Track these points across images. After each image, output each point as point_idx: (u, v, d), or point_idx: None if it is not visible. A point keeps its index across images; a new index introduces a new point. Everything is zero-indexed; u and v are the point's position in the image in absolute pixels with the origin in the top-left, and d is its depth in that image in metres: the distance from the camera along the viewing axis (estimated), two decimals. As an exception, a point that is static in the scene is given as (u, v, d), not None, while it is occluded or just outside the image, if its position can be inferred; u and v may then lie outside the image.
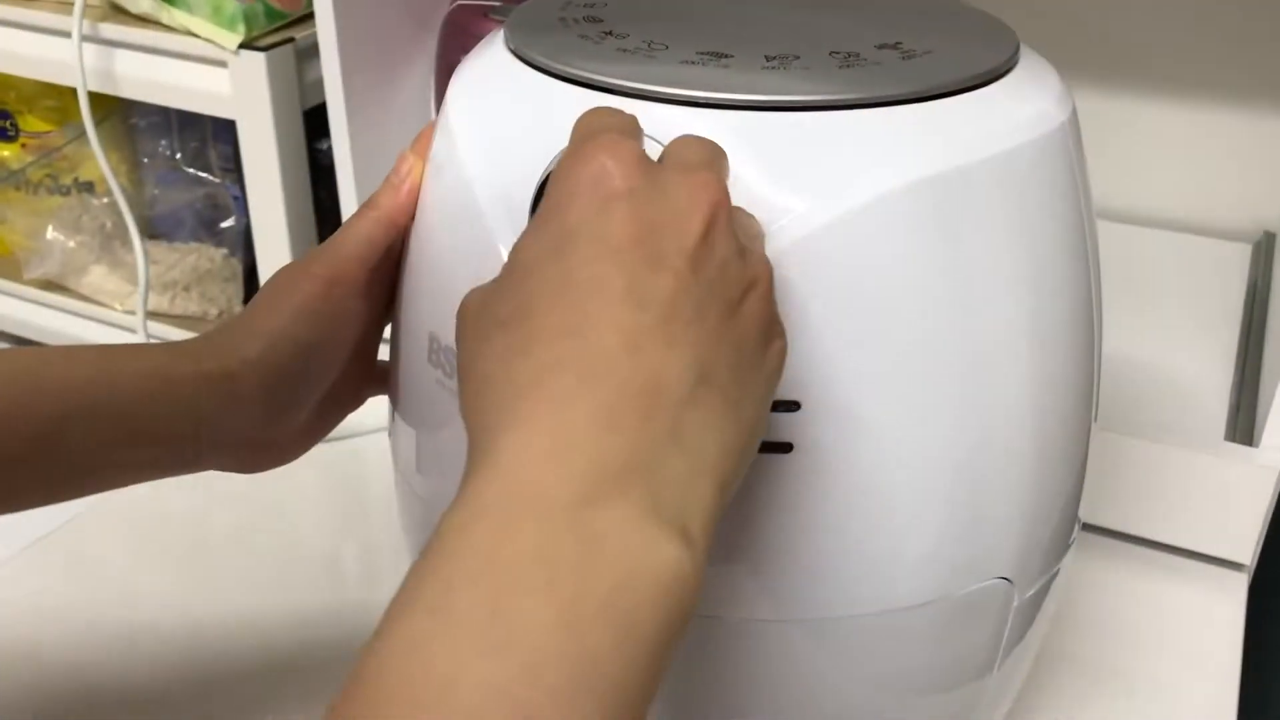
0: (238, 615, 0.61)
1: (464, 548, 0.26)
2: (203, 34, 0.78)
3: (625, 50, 0.38)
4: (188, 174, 0.91)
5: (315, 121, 0.84)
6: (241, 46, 0.78)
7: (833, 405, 0.35)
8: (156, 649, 0.59)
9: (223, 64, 0.79)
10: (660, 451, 0.27)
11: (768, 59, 0.37)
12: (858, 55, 0.37)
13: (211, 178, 0.90)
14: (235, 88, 0.79)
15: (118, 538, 0.67)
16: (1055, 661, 0.58)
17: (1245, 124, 0.86)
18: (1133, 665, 0.60)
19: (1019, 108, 0.37)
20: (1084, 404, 0.41)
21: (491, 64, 0.40)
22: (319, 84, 0.80)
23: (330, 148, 0.82)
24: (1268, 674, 0.74)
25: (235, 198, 0.93)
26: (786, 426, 0.35)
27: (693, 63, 0.37)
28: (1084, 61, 0.88)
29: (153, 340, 0.83)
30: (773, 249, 0.33)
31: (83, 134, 0.86)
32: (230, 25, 0.77)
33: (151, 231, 0.95)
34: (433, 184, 0.41)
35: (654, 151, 0.34)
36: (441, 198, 0.40)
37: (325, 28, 0.74)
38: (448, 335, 0.39)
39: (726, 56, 0.37)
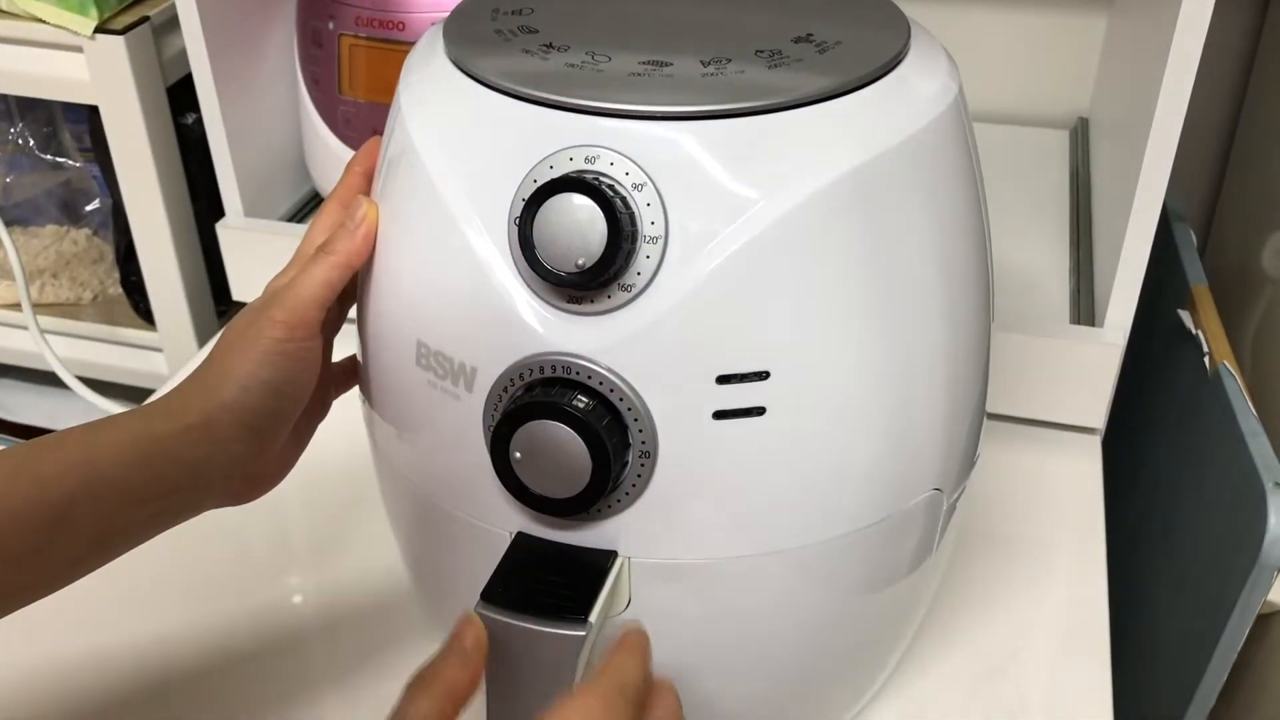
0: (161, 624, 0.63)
1: None
2: (52, 20, 0.76)
3: (574, 65, 0.41)
4: (43, 160, 0.88)
5: (176, 96, 0.83)
6: (96, 30, 0.76)
7: (796, 371, 0.40)
8: (97, 668, 0.60)
9: (77, 49, 0.77)
10: None
11: (704, 64, 0.41)
12: (780, 53, 0.42)
13: (70, 161, 0.89)
14: (94, 73, 0.78)
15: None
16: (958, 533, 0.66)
17: (1053, 19, 0.95)
18: (1014, 526, 0.69)
19: (922, 87, 0.43)
20: (984, 349, 0.48)
21: (443, 84, 0.43)
22: (179, 59, 0.80)
23: (195, 121, 0.82)
24: (1117, 517, 0.86)
25: (95, 178, 0.91)
26: (760, 393, 0.40)
27: (639, 74, 0.41)
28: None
29: (45, 333, 0.82)
30: (738, 241, 0.38)
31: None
32: (81, 10, 0.76)
33: (17, 222, 0.92)
34: (401, 206, 0.44)
35: (620, 165, 0.39)
36: (413, 217, 0.43)
37: (185, 1, 0.74)
38: (436, 341, 0.43)
39: (667, 65, 0.41)
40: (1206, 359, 0.77)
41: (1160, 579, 0.83)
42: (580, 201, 0.38)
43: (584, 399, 0.39)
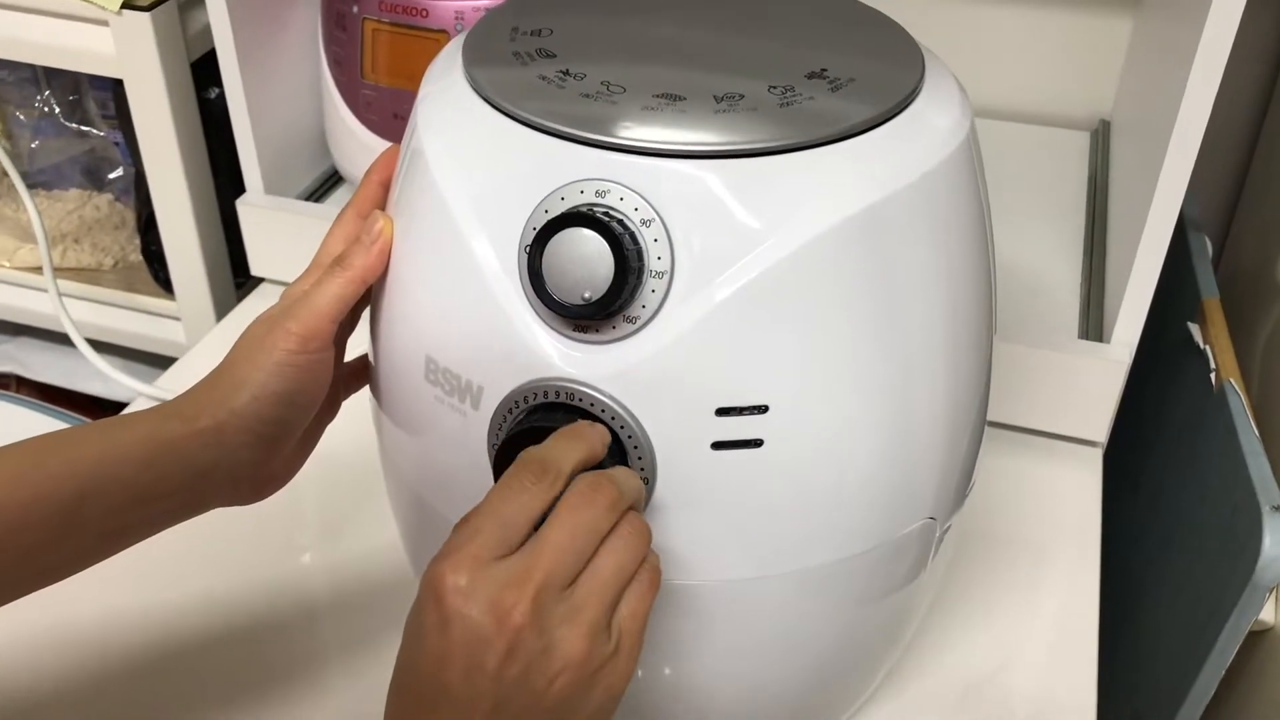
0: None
1: None
2: (79, -5, 0.77)
3: (588, 96, 0.42)
4: (68, 128, 0.89)
5: (200, 71, 0.83)
6: (122, 6, 0.77)
7: (794, 405, 0.41)
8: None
9: (104, 23, 0.78)
10: None
11: (717, 100, 0.42)
12: (793, 89, 0.42)
13: (94, 130, 0.89)
14: (120, 48, 0.78)
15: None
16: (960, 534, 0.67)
17: (1080, 17, 0.94)
18: (1012, 533, 0.70)
19: (935, 123, 0.43)
20: (984, 385, 0.48)
21: (461, 104, 0.43)
22: (203, 34, 0.81)
23: (218, 95, 0.83)
24: (1117, 524, 0.86)
25: (117, 144, 0.92)
26: (758, 425, 0.41)
27: (651, 108, 0.41)
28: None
29: (64, 297, 0.83)
30: (742, 279, 0.39)
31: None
32: (108, -15, 0.76)
33: (42, 185, 0.93)
34: (415, 222, 0.44)
35: (629, 200, 0.39)
36: (426, 235, 0.44)
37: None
38: (444, 358, 0.44)
39: (680, 99, 0.42)
40: (1213, 375, 0.77)
41: (1156, 589, 0.84)
42: (589, 236, 0.39)
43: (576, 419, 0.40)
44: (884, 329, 0.42)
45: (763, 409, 0.41)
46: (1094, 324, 0.76)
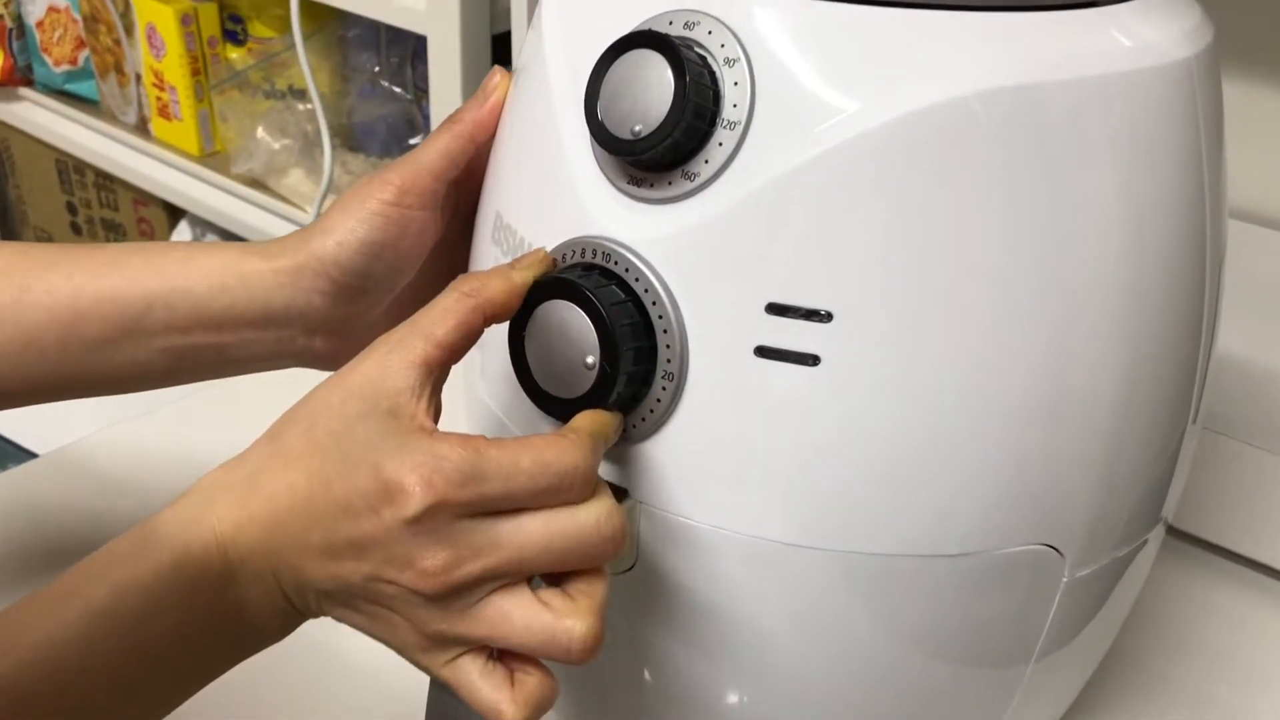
0: None
1: None
2: (403, -51, 0.81)
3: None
4: (384, 89, 0.94)
5: (505, 47, 0.85)
6: (438, -37, 0.80)
7: (869, 321, 0.33)
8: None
9: (424, -20, 0.82)
10: None
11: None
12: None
13: (404, 94, 0.94)
14: (429, 3, 0.82)
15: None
16: (1137, 674, 0.54)
17: None
18: (1216, 689, 0.55)
19: (1133, 33, 0.34)
20: (1183, 384, 0.37)
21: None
22: (510, 9, 0.82)
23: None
24: None
25: (426, 117, 0.96)
26: (817, 337, 0.33)
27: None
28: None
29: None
30: (830, 142, 0.32)
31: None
32: (428, -58, 0.80)
33: (351, 143, 0.99)
34: (522, 73, 0.41)
35: (717, 34, 0.33)
36: (524, 84, 0.40)
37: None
38: (509, 214, 0.39)
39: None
40: None
41: None
42: (652, 61, 0.33)
43: (604, 280, 0.34)
44: (1019, 251, 0.33)
45: (825, 316, 0.33)
46: None
